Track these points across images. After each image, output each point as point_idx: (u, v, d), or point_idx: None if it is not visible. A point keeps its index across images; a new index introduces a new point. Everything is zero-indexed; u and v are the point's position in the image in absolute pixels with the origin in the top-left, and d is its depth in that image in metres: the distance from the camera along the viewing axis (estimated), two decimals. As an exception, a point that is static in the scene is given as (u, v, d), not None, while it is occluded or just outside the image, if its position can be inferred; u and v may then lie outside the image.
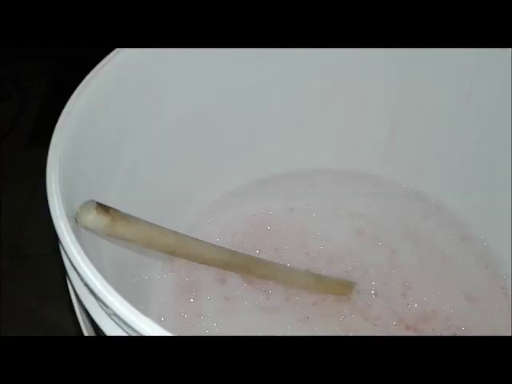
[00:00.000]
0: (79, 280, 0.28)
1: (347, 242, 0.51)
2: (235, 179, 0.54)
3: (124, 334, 0.27)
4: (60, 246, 0.29)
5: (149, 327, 0.24)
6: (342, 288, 0.47)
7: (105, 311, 0.27)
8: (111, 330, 0.27)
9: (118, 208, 0.31)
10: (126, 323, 0.25)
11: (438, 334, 0.44)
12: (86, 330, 0.35)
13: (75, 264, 0.27)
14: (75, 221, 0.30)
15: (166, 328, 0.24)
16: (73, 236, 0.28)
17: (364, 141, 0.53)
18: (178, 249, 0.36)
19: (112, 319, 0.27)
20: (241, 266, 0.42)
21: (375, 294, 0.47)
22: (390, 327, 0.45)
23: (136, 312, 0.25)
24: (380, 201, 0.54)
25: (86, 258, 0.27)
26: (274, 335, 0.43)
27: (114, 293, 0.26)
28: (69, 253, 0.27)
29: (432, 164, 0.52)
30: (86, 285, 0.27)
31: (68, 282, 0.32)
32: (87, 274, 0.26)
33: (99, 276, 0.26)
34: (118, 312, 0.25)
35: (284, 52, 0.45)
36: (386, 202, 0.53)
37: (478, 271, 0.48)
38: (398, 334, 0.44)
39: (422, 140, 0.51)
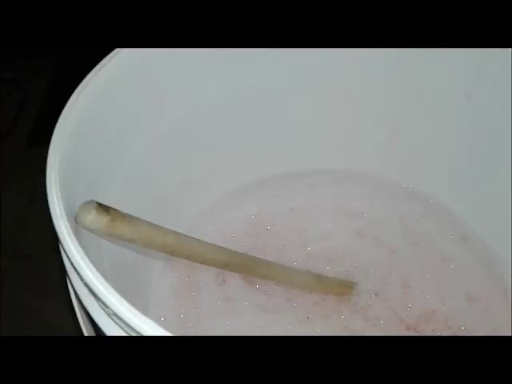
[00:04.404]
0: (79, 280, 0.28)
1: (347, 242, 0.51)
2: (235, 179, 0.54)
3: (124, 334, 0.27)
4: (60, 246, 0.29)
5: (149, 327, 0.24)
6: (343, 288, 0.47)
7: (105, 311, 0.27)
8: (111, 330, 0.27)
9: (118, 208, 0.31)
10: (126, 323, 0.25)
11: (438, 334, 0.44)
12: (86, 330, 0.35)
13: (75, 264, 0.27)
14: (75, 221, 0.30)
15: (166, 328, 0.24)
16: (73, 236, 0.28)
17: (364, 141, 0.53)
18: (178, 249, 0.36)
19: (112, 319, 0.27)
20: (241, 266, 0.42)
21: (375, 293, 0.47)
22: (390, 327, 0.45)
23: (136, 312, 0.25)
24: (380, 201, 0.54)
25: (86, 258, 0.27)
26: (274, 335, 0.43)
27: (114, 293, 0.26)
28: (69, 253, 0.27)
29: (432, 164, 0.52)
30: (86, 285, 0.27)
31: (68, 282, 0.32)
32: (87, 274, 0.26)
33: (99, 276, 0.26)
34: (118, 312, 0.25)
35: (284, 52, 0.45)
36: (385, 202, 0.53)
37: (478, 271, 0.48)
38: (398, 334, 0.44)
39: (421, 140, 0.51)
